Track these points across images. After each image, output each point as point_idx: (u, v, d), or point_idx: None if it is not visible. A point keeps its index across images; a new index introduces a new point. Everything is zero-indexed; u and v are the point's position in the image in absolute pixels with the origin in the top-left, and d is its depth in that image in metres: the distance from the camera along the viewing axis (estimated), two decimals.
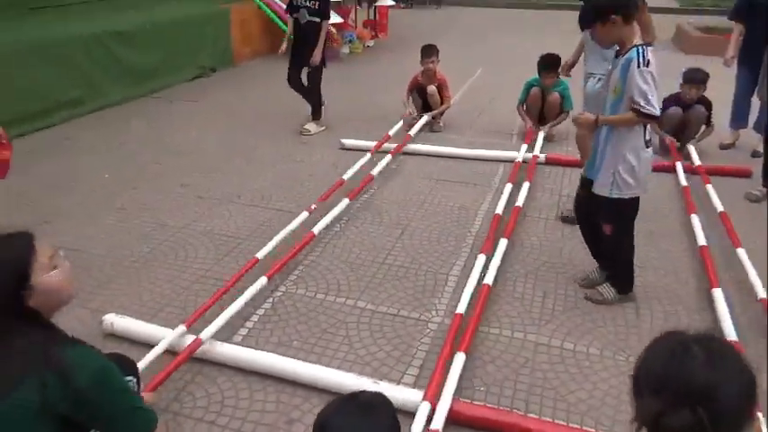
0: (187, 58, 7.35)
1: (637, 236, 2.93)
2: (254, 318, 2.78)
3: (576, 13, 3.41)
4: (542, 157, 4.63)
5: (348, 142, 5.00)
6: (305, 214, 3.62)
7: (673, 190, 4.21)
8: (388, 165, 4.46)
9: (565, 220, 3.69)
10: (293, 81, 5.33)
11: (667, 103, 4.73)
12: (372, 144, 4.80)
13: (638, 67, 2.43)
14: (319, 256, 3.33)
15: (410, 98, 5.62)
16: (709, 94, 4.83)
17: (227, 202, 4.04)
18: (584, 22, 2.54)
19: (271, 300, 2.92)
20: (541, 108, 5.23)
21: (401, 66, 7.30)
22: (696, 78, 4.65)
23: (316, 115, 5.44)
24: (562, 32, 11.81)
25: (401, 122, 5.32)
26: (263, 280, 2.83)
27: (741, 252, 3.13)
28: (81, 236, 3.53)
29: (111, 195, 4.11)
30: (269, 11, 8.47)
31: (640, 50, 2.46)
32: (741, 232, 3.38)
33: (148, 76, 6.74)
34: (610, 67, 2.70)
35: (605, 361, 2.52)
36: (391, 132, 5.02)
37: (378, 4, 9.76)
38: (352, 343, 2.62)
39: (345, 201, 3.79)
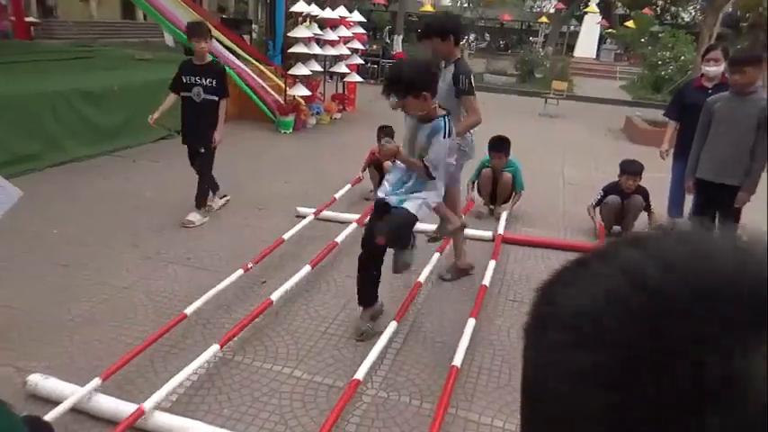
0: None
1: None
2: (187, 383, 2.74)
3: (526, 99, 3.75)
4: (488, 234, 4.81)
5: (303, 210, 5.09)
6: (240, 272, 3.67)
7: None
8: (347, 235, 4.55)
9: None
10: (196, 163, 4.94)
11: (607, 191, 5.03)
12: (330, 213, 4.93)
13: (444, 137, 2.91)
14: (261, 322, 3.33)
15: (367, 172, 5.80)
16: (655, 183, 5.16)
17: (176, 263, 4.04)
18: (394, 92, 2.95)
19: (206, 365, 2.89)
20: (494, 188, 5.46)
21: (364, 139, 7.54)
22: (632, 170, 4.96)
23: (201, 202, 4.85)
24: (519, 115, 12.50)
25: (348, 186, 5.45)
26: (214, 348, 2.81)
27: None
28: (20, 292, 3.47)
29: (57, 251, 4.06)
30: (238, 78, 8.76)
31: (447, 121, 2.92)
32: None
33: (113, 136, 6.82)
34: (410, 127, 3.15)
35: None
36: (337, 196, 5.16)
37: (346, 79, 10.18)
38: (284, 413, 2.60)
39: (307, 268, 3.81)
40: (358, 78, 10.26)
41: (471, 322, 3.30)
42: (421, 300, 3.76)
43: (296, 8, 8.30)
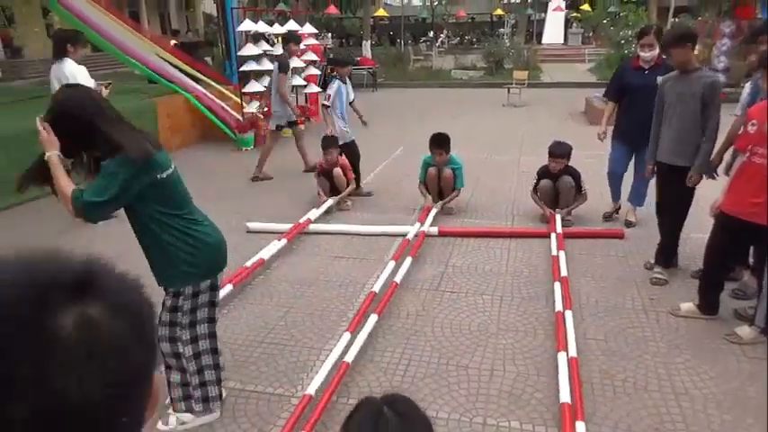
0: None
1: (511, 300, 3.17)
2: None
3: (493, 90, 3.86)
4: (434, 230, 4.91)
5: (254, 226, 5.17)
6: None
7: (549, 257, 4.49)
8: (284, 247, 4.66)
9: None
10: None
11: (540, 175, 5.16)
12: (282, 226, 5.01)
13: None
14: None
15: (318, 181, 5.91)
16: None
17: None
18: None
19: None
20: (439, 184, 5.58)
21: None
22: (558, 152, 5.05)
23: None
24: (483, 107, 12.62)
25: (325, 205, 5.59)
26: None
27: (568, 314, 3.42)
28: None
29: None
30: (199, 104, 8.89)
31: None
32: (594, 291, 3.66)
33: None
34: None
35: (451, 423, 2.66)
36: (313, 217, 5.27)
37: (306, 90, 10.31)
38: (212, 423, 2.71)
39: (228, 287, 3.89)
40: (316, 89, 10.40)
41: (373, 318, 3.41)
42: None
43: (242, 28, 8.42)
